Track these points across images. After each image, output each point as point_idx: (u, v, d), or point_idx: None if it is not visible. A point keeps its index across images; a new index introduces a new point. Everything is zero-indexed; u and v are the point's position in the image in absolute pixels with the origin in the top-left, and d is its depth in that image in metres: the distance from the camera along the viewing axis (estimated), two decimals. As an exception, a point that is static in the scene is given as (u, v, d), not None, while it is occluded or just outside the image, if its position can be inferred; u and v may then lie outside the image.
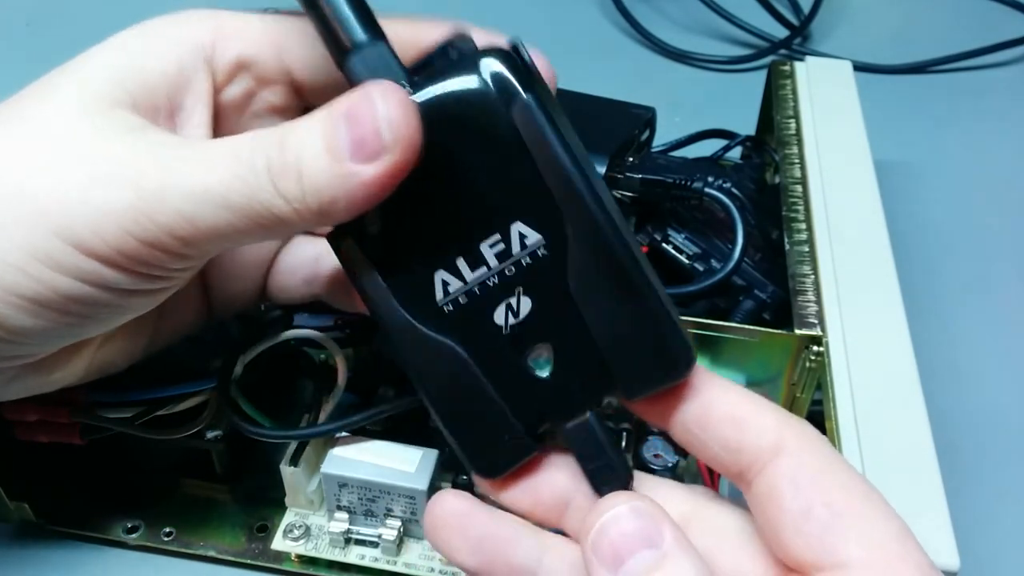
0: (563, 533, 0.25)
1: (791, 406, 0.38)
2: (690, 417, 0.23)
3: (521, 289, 0.24)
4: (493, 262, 0.24)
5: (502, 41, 0.24)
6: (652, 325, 0.23)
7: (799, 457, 0.21)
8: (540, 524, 0.25)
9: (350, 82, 0.24)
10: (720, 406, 0.23)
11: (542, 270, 0.24)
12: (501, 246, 0.24)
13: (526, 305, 0.24)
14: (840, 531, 0.20)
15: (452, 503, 0.24)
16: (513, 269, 0.24)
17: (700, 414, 0.23)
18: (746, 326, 0.37)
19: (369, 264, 0.24)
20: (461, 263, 0.24)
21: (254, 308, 0.36)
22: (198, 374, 0.35)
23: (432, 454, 0.34)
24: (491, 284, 0.24)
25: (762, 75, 0.53)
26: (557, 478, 0.24)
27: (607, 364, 0.24)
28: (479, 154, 0.23)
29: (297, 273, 0.32)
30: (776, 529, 0.21)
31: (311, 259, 0.32)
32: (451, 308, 0.24)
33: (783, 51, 0.70)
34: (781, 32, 0.71)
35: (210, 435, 0.36)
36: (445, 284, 0.24)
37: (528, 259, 0.24)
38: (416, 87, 0.23)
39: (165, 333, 0.32)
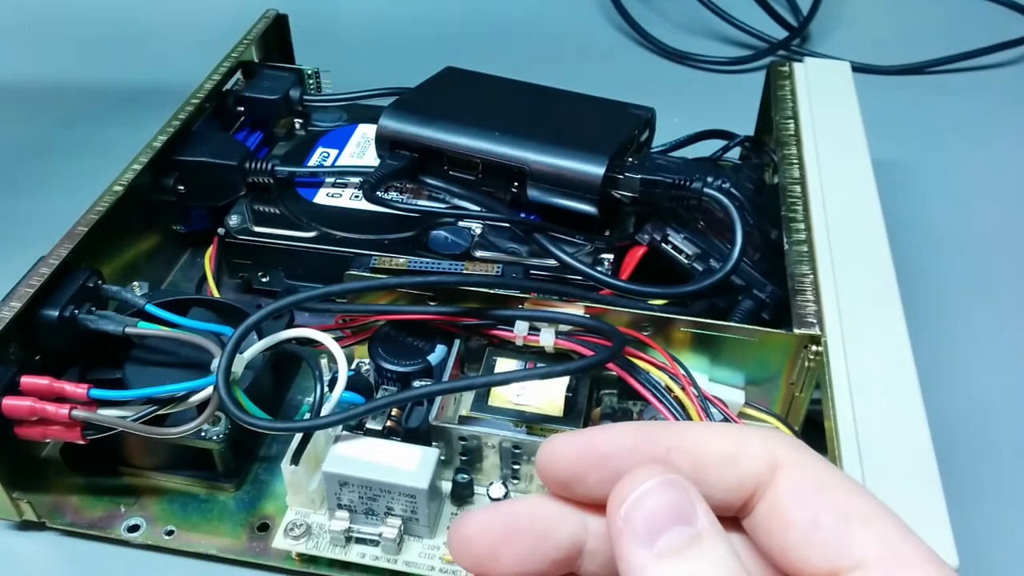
0: None
1: (790, 406, 0.38)
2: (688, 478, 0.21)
3: None
4: None
5: None
6: None
7: (795, 470, 0.21)
8: None
9: None
10: (707, 451, 0.21)
11: None
12: None
13: None
14: (852, 533, 0.20)
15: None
16: None
17: (694, 469, 0.21)
18: (745, 326, 0.37)
19: None
20: None
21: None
22: (199, 372, 0.35)
23: (432, 453, 0.34)
24: None
25: (761, 76, 0.53)
26: (562, 532, 0.22)
27: None
28: None
29: None
30: (783, 546, 0.20)
31: None
32: None
33: (782, 52, 0.70)
34: (780, 33, 0.71)
35: (211, 433, 0.36)
36: None
37: None
38: None
39: None
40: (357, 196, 0.46)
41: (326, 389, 0.35)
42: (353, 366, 0.41)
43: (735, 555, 0.19)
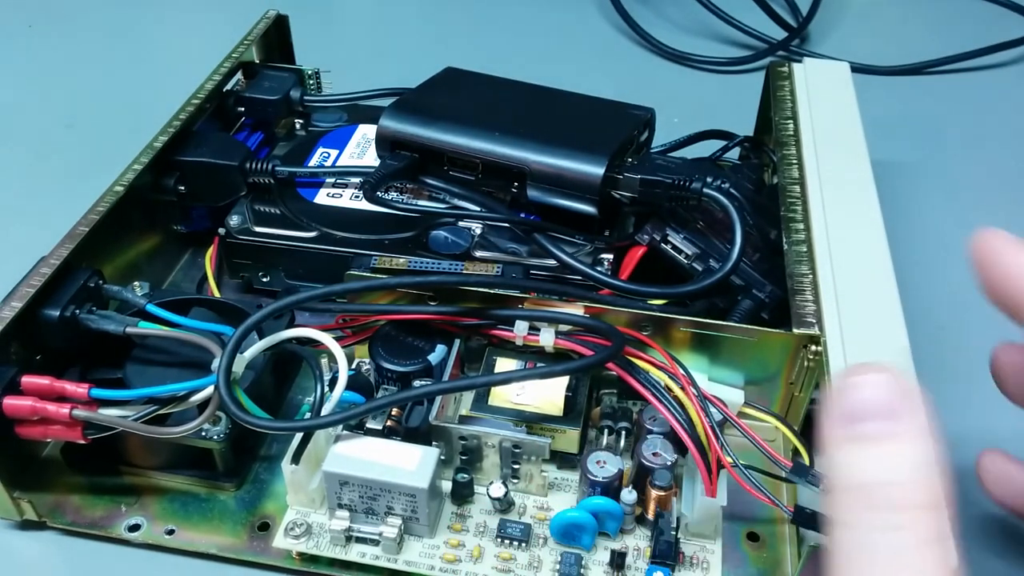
0: None
1: (789, 405, 0.38)
2: None
3: None
4: None
5: None
6: None
7: None
8: None
9: None
10: None
11: None
12: None
13: None
14: None
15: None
16: None
17: None
18: (744, 326, 0.37)
19: None
20: None
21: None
22: (200, 372, 0.35)
23: (432, 452, 0.35)
24: None
25: (760, 76, 0.53)
26: None
27: None
28: None
29: None
30: None
31: None
32: None
33: (781, 52, 0.70)
34: (779, 33, 0.71)
35: (212, 433, 0.36)
36: None
37: None
38: None
39: None
40: (357, 196, 0.46)
41: (326, 389, 0.36)
42: (353, 366, 0.41)
43: (934, 466, 0.20)
